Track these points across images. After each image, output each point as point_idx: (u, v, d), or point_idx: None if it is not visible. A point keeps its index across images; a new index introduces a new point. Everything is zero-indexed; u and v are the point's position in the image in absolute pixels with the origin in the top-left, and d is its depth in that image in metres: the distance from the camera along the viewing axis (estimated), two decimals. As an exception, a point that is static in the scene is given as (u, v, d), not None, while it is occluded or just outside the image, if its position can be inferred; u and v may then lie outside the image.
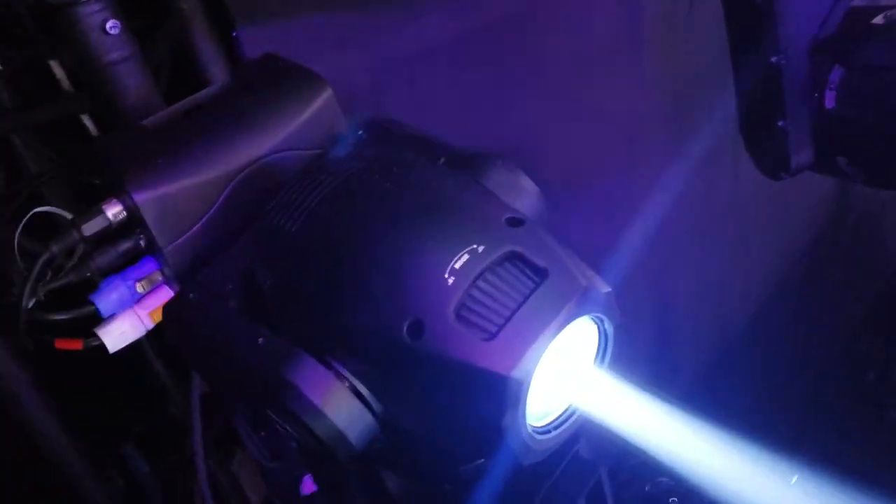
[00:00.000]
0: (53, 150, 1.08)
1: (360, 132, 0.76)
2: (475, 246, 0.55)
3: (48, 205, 0.90)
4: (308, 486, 0.89)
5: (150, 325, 0.77)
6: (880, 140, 1.03)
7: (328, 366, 0.57)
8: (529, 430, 0.57)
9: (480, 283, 0.54)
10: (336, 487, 0.86)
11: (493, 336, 0.53)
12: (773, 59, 1.03)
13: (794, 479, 0.86)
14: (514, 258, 0.56)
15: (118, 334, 0.76)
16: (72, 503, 1.22)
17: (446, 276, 0.54)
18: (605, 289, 0.58)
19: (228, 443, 1.29)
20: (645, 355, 1.83)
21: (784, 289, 2.07)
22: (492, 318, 0.54)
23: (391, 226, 0.58)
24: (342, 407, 0.56)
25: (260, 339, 0.59)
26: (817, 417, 2.15)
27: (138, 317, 0.76)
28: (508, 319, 0.54)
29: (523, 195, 0.69)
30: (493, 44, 1.27)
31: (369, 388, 0.58)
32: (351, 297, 0.56)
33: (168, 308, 0.67)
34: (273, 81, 0.77)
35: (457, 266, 0.54)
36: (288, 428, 0.58)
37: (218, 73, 1.08)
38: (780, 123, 1.06)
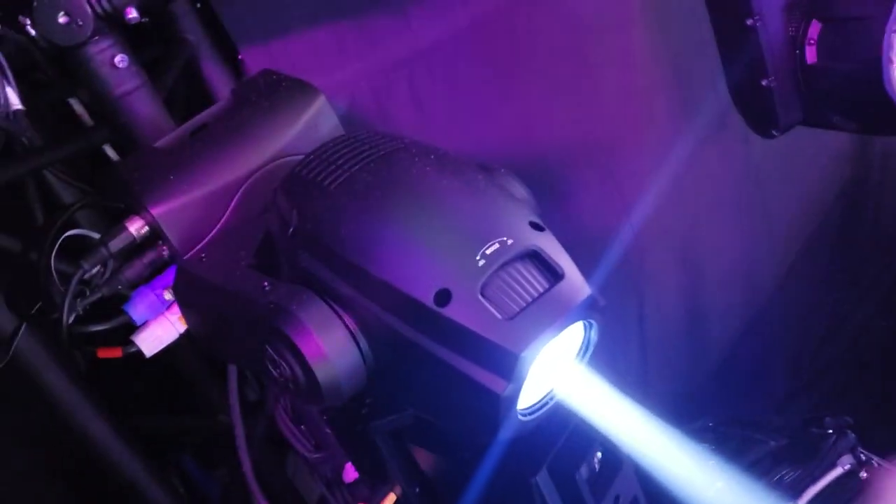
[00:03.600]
0: (82, 179, 1.16)
1: None
2: (504, 238, 0.62)
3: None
4: (350, 473, 0.95)
5: (182, 329, 0.83)
6: (863, 88, 1.05)
7: (334, 310, 0.63)
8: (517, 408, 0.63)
9: (507, 269, 0.61)
10: (375, 469, 0.91)
11: (512, 317, 0.59)
12: (749, 21, 1.06)
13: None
14: (535, 257, 0.63)
15: (152, 339, 0.83)
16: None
17: (478, 257, 0.60)
18: (602, 300, 0.64)
19: (280, 446, 1.35)
20: (677, 330, 1.85)
21: (812, 249, 2.04)
22: (513, 301, 0.60)
23: (431, 201, 0.65)
24: (339, 343, 0.62)
25: (266, 284, 0.66)
26: (860, 376, 2.12)
27: (170, 322, 0.83)
28: (528, 305, 0.60)
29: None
30: (486, 38, 1.32)
31: (374, 341, 0.63)
32: (383, 255, 0.62)
33: (180, 267, 0.75)
34: (269, 94, 0.83)
35: (488, 252, 0.61)
36: (283, 366, 0.63)
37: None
38: (763, 82, 1.10)
